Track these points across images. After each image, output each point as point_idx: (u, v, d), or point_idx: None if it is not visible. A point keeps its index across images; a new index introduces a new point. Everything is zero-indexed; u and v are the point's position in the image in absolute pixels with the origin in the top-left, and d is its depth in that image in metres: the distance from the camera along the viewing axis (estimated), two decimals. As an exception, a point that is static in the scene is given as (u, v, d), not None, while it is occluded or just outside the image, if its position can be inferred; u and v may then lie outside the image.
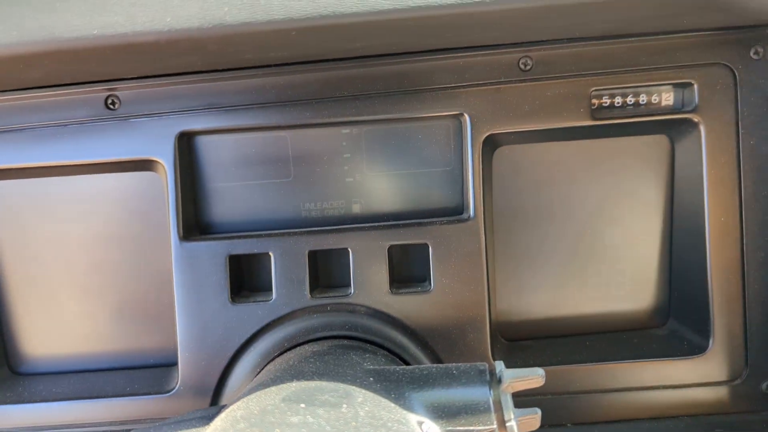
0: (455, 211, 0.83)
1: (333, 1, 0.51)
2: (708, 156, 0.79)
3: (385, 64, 0.79)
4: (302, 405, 0.54)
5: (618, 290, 0.87)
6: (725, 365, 0.80)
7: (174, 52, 0.57)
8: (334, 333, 0.78)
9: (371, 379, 0.63)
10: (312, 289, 0.80)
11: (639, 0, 0.58)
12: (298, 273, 0.80)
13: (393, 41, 0.63)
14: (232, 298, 0.80)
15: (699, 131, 0.79)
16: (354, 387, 0.58)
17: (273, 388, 0.59)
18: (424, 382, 0.62)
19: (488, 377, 0.62)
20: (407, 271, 0.84)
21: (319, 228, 0.81)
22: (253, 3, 0.50)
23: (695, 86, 0.78)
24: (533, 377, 0.61)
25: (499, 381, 0.61)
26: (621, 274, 0.86)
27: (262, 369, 0.77)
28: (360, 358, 0.70)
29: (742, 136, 0.78)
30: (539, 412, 0.60)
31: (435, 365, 0.65)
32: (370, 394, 0.58)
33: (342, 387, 0.58)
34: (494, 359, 0.80)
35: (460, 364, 0.64)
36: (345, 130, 0.82)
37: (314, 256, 0.82)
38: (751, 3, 0.64)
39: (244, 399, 0.58)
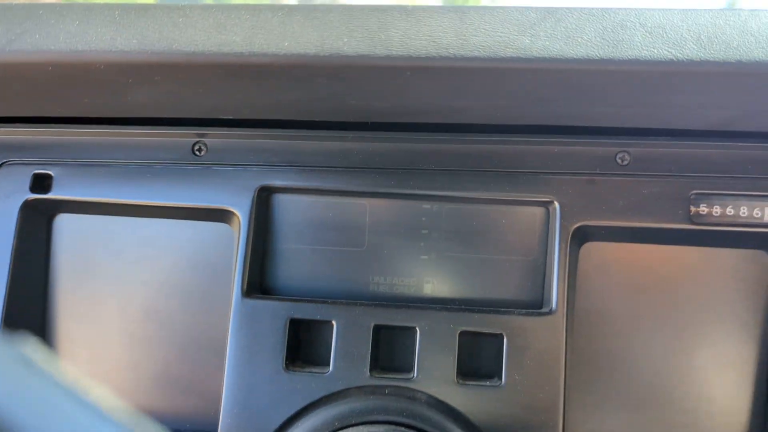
0: (533, 306, 0.77)
1: (454, 42, 0.50)
2: (818, 277, 0.72)
3: (478, 141, 0.77)
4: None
5: (706, 419, 0.78)
6: None
7: (284, 82, 0.56)
8: (390, 418, 0.71)
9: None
10: (372, 368, 0.74)
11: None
12: (360, 347, 0.74)
13: (501, 103, 0.61)
14: (286, 365, 0.74)
15: (807, 250, 0.73)
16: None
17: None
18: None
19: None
20: (475, 363, 0.77)
21: (387, 302, 0.76)
22: (373, 37, 0.50)
23: (805, 201, 0.73)
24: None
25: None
26: (711, 401, 0.78)
27: (309, 447, 0.70)
28: (419, 447, 0.63)
29: None
30: None
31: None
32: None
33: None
34: (564, 475, 0.71)
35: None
36: (426, 205, 0.79)
37: (378, 333, 0.76)
38: None
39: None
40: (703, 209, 0.75)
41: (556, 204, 0.76)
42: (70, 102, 0.68)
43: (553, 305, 0.74)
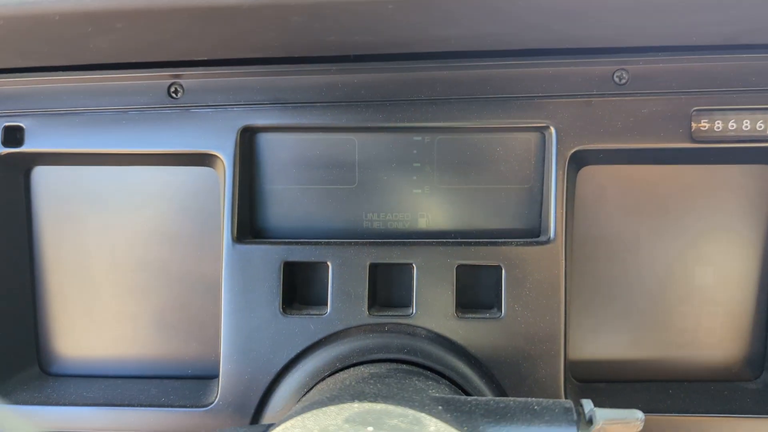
0: (531, 234, 0.76)
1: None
2: (822, 191, 0.70)
3: (469, 67, 0.73)
4: (370, 428, 0.47)
5: (707, 336, 0.78)
6: (833, 429, 0.71)
7: (254, 23, 0.52)
8: (391, 356, 0.71)
9: (440, 407, 0.55)
10: (370, 306, 0.73)
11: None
12: (357, 287, 0.73)
13: (487, 31, 0.57)
14: (283, 308, 0.73)
15: (812, 162, 0.71)
16: (424, 414, 0.51)
17: (333, 408, 0.52)
18: (501, 416, 0.54)
19: (575, 416, 0.54)
20: (474, 295, 0.77)
21: (382, 240, 0.74)
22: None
23: (811, 112, 0.70)
24: (632, 420, 0.52)
25: (590, 422, 0.53)
26: (711, 318, 0.78)
27: (311, 389, 0.70)
28: (423, 384, 0.63)
29: None
30: None
31: (512, 399, 0.58)
32: (441, 425, 0.50)
33: (411, 413, 0.51)
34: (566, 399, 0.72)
35: (541, 399, 0.56)
36: (417, 137, 0.76)
37: (374, 271, 0.75)
38: None
39: (299, 417, 0.51)
40: (705, 125, 0.72)
41: (552, 129, 0.73)
42: (32, 52, 0.63)
43: (552, 233, 0.72)
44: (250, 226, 0.78)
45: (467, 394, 0.70)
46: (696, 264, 0.77)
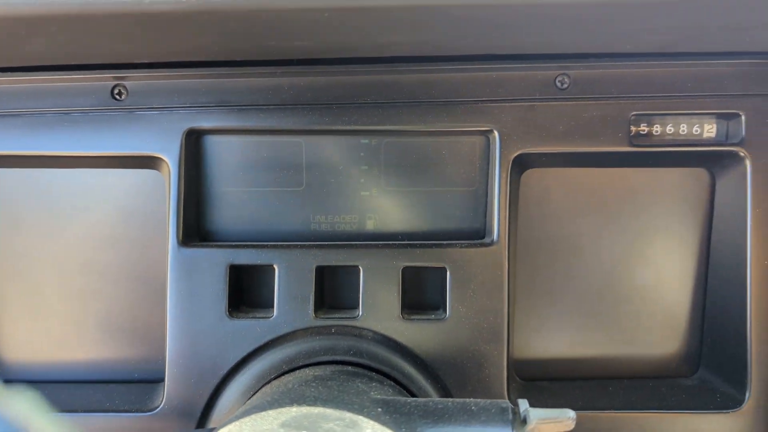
0: (476, 236, 0.77)
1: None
2: (753, 194, 0.73)
3: (413, 71, 0.74)
4: (303, 432, 0.47)
5: (646, 334, 0.80)
6: (763, 422, 0.73)
7: (192, 28, 0.52)
8: (338, 358, 0.71)
9: (379, 409, 0.56)
10: (317, 309, 0.74)
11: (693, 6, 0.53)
12: (303, 290, 0.73)
13: (427, 38, 0.58)
14: (229, 311, 0.73)
15: (744, 166, 0.73)
16: (361, 417, 0.52)
17: (271, 412, 0.52)
18: (439, 417, 0.55)
19: (511, 416, 0.55)
20: (420, 297, 0.78)
21: (329, 242, 0.75)
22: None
23: (742, 117, 0.73)
24: (563, 419, 0.54)
25: (524, 421, 0.54)
26: (650, 317, 0.80)
27: (257, 392, 0.70)
28: (366, 386, 0.64)
29: (792, 175, 0.73)
30: None
31: (450, 399, 0.59)
32: (379, 427, 0.51)
33: (348, 416, 0.51)
34: (510, 399, 0.73)
35: (479, 400, 0.57)
36: (364, 140, 0.77)
37: (321, 273, 0.75)
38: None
39: (237, 422, 0.51)
40: (644, 129, 0.75)
41: (496, 132, 0.74)
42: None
43: (495, 235, 0.74)
44: (197, 229, 0.77)
45: (412, 394, 0.71)
46: (636, 264, 0.80)
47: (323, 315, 0.74)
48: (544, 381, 0.80)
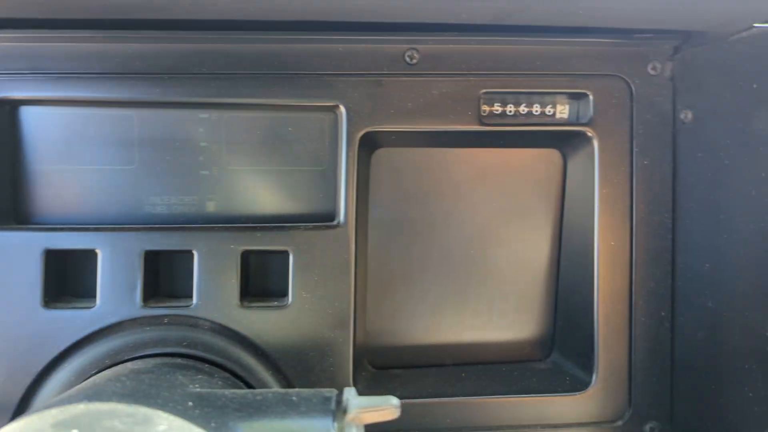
0: (326, 218, 0.72)
1: None
2: (600, 174, 0.72)
3: (254, 41, 0.69)
4: (74, 431, 0.41)
5: (500, 318, 0.79)
6: (608, 404, 0.73)
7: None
8: (168, 350, 0.65)
9: (190, 403, 0.51)
10: (147, 298, 0.68)
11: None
12: (130, 277, 0.67)
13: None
14: (46, 301, 0.66)
15: (592, 146, 0.73)
16: (160, 412, 0.46)
17: (53, 411, 0.46)
18: (255, 409, 0.51)
19: (333, 406, 0.51)
20: (264, 282, 0.73)
21: (159, 225, 0.68)
22: None
23: (590, 98, 0.72)
24: (385, 408, 0.50)
25: (345, 411, 0.50)
26: (504, 300, 0.79)
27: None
28: (188, 379, 0.58)
29: (636, 155, 0.72)
30: None
31: (272, 390, 0.54)
32: (178, 422, 0.46)
33: (143, 411, 0.46)
34: (356, 388, 0.70)
35: (302, 390, 0.53)
36: (203, 114, 0.71)
37: (154, 259, 0.69)
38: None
39: (11, 425, 0.45)
40: (495, 108, 0.73)
41: (342, 108, 0.70)
42: None
43: (342, 218, 0.70)
44: (12, 210, 0.69)
45: (249, 386, 0.66)
46: (490, 247, 0.78)
47: (154, 304, 0.68)
48: (397, 369, 0.77)
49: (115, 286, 0.67)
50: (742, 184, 0.63)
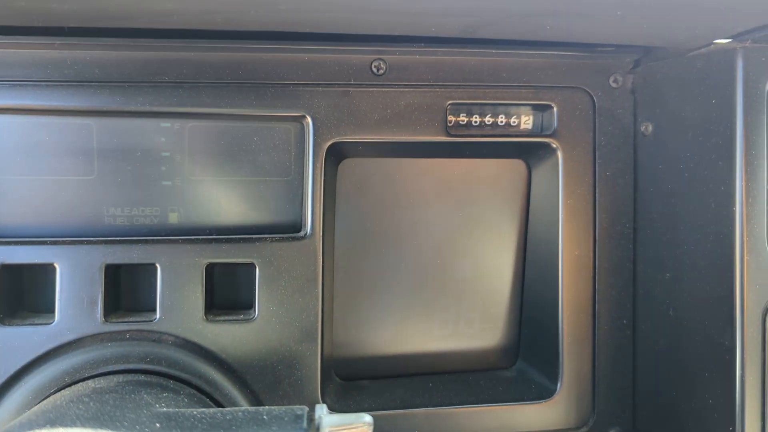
0: (292, 229, 0.72)
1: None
2: (564, 184, 0.74)
3: (219, 49, 0.67)
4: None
5: (467, 327, 0.79)
6: (573, 411, 0.74)
7: None
8: (131, 366, 0.64)
9: (158, 425, 0.50)
10: (108, 313, 0.66)
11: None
12: (90, 291, 0.65)
13: (220, 7, 0.52)
14: (1, 318, 0.64)
15: (556, 157, 0.74)
16: (127, 437, 0.45)
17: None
18: (225, 429, 0.50)
19: (305, 424, 0.51)
20: (230, 295, 0.72)
21: (120, 237, 0.66)
22: None
23: (554, 109, 0.73)
24: (358, 425, 0.50)
25: (318, 429, 0.50)
26: (470, 310, 0.79)
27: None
28: (153, 398, 0.57)
29: (599, 166, 0.74)
30: None
31: (243, 408, 0.54)
32: (146, 447, 0.45)
33: (109, 437, 0.45)
34: (324, 401, 0.69)
35: (274, 408, 0.52)
36: (165, 124, 0.69)
37: (115, 273, 0.68)
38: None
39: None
40: (461, 119, 0.73)
41: (309, 119, 0.69)
42: None
43: (308, 229, 0.69)
44: (-36, 223, 0.67)
45: (217, 402, 0.65)
46: (456, 257, 0.78)
47: (116, 319, 0.66)
48: (365, 380, 0.77)
49: (75, 301, 0.65)
50: (702, 196, 0.65)
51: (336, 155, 0.72)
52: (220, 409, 0.55)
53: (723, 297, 0.62)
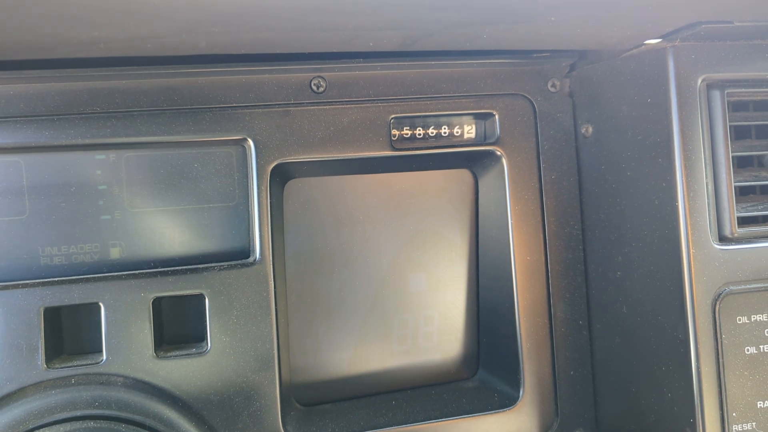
0: (241, 255, 0.70)
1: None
2: (511, 191, 0.74)
3: (151, 76, 0.65)
4: None
5: (425, 341, 0.78)
6: (536, 417, 0.74)
7: None
8: (79, 413, 0.60)
9: (111, 474, 0.47)
10: (51, 358, 0.62)
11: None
12: (29, 337, 0.61)
13: (146, 33, 0.50)
14: (-68, 374, 0.59)
15: (502, 165, 0.74)
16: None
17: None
18: (184, 472, 0.48)
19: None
20: (180, 328, 0.69)
21: (58, 278, 0.63)
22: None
23: (496, 117, 0.74)
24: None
25: (282, 462, 0.48)
26: (428, 323, 0.78)
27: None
28: (106, 445, 0.54)
29: (544, 171, 0.75)
30: None
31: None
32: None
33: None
34: (286, 430, 0.67)
35: (233, 444, 0.50)
36: (100, 156, 0.67)
37: (55, 315, 0.64)
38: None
39: None
40: (407, 132, 0.73)
41: (251, 141, 0.68)
42: None
43: (258, 254, 0.67)
44: None
45: (173, 442, 0.62)
46: (409, 271, 0.77)
47: (60, 364, 0.63)
48: (327, 404, 0.75)
49: (13, 349, 0.61)
50: (645, 193, 0.66)
51: (281, 176, 0.70)
52: (177, 450, 0.53)
53: (673, 291, 0.63)
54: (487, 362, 0.79)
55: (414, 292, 0.78)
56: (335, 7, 0.48)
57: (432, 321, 0.78)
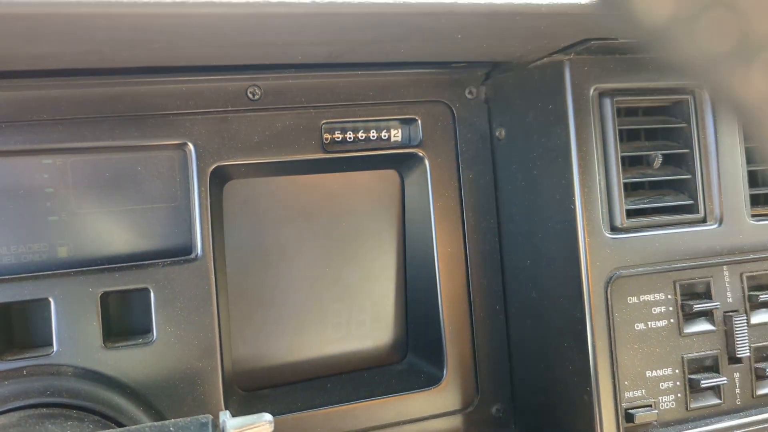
0: (183, 252, 0.75)
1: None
2: (433, 189, 0.81)
3: (96, 85, 0.70)
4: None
5: (358, 328, 0.85)
6: (459, 394, 0.82)
7: None
8: (31, 402, 0.64)
9: (66, 451, 0.52)
10: (2, 351, 0.66)
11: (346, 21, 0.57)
12: (-20, 332, 0.65)
13: (90, 49, 0.55)
14: None
15: (425, 165, 0.81)
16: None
17: None
18: (133, 445, 0.53)
19: (211, 430, 0.54)
20: (128, 321, 0.74)
21: (9, 276, 0.67)
22: None
23: (419, 122, 0.81)
24: (260, 424, 0.55)
25: (222, 433, 0.54)
26: (360, 312, 0.85)
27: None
28: (59, 427, 0.59)
29: (462, 170, 0.82)
30: None
31: (149, 424, 0.57)
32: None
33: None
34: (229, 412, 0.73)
35: (179, 420, 0.56)
36: (46, 161, 0.71)
37: (5, 311, 0.68)
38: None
39: None
40: (338, 136, 0.79)
41: (191, 146, 0.73)
42: None
43: (198, 251, 0.73)
44: None
45: (122, 426, 0.66)
46: (342, 263, 0.84)
47: (10, 357, 0.67)
48: (267, 389, 0.81)
49: (-34, 344, 0.65)
50: (549, 190, 0.74)
51: (220, 178, 0.76)
52: (127, 427, 0.58)
53: (572, 276, 0.71)
54: (415, 346, 0.86)
55: (347, 283, 0.84)
56: (264, 28, 0.54)
57: (364, 310, 0.85)
